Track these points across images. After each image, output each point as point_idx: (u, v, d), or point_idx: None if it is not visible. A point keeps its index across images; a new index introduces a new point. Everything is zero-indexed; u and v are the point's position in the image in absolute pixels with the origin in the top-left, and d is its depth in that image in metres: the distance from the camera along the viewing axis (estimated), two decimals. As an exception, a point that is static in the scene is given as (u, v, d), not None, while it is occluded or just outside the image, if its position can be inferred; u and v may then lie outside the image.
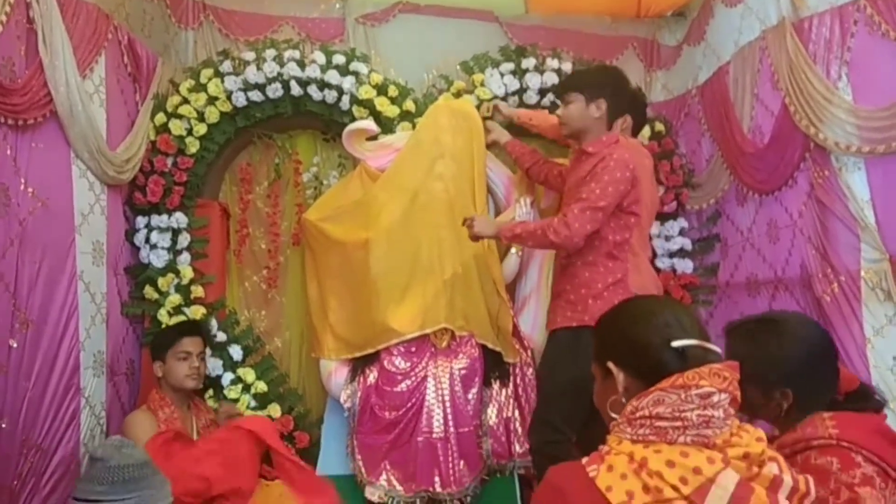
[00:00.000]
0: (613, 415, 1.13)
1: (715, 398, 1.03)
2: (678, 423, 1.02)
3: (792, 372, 1.45)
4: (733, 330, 1.58)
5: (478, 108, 3.23)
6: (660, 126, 3.47)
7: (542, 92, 3.33)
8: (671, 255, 3.38)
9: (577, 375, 2.24)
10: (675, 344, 1.09)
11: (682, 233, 3.42)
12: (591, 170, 2.40)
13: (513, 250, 2.92)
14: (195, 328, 2.82)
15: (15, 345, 2.21)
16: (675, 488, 0.98)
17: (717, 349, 1.12)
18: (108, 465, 1.66)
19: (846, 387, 1.51)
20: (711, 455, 1.01)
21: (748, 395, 1.45)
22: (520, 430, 2.74)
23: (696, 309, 3.40)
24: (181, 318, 2.99)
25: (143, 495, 1.65)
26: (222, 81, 3.15)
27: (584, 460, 1.08)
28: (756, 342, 1.50)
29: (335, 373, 2.73)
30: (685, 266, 3.38)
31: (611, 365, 1.16)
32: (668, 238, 3.39)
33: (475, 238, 2.55)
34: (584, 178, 2.41)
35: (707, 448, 1.02)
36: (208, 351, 2.94)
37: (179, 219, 3.08)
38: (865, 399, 1.50)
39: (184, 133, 3.12)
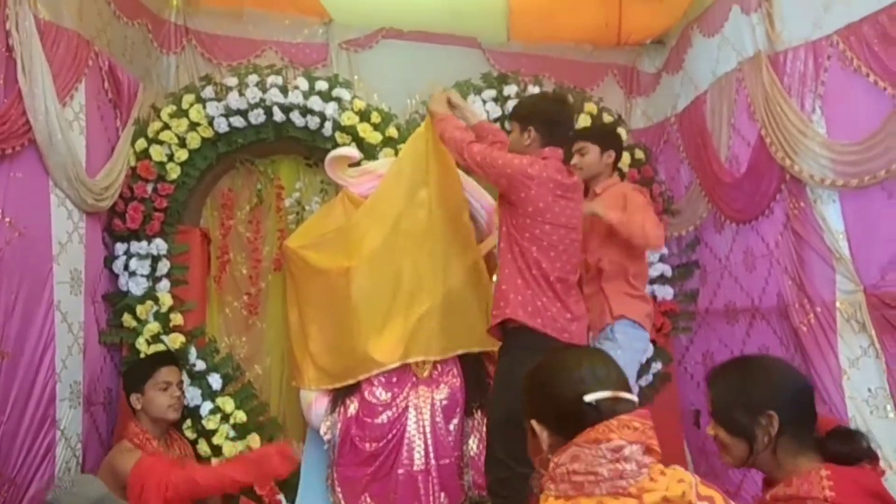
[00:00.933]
0: (542, 471, 1.15)
1: (626, 451, 1.06)
2: (591, 478, 1.06)
3: (777, 391, 1.46)
4: (714, 374, 1.58)
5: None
6: (639, 153, 3.51)
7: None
8: (651, 281, 3.40)
9: (513, 407, 2.24)
10: (588, 398, 1.11)
11: (662, 259, 3.46)
12: None
13: (495, 277, 2.91)
14: (171, 358, 2.79)
15: (-11, 378, 2.18)
16: None
17: (632, 397, 1.15)
18: None
19: (824, 427, 1.50)
20: (627, 503, 1.04)
21: (736, 433, 1.46)
22: (501, 460, 2.74)
23: (675, 336, 3.44)
24: (160, 346, 2.96)
25: None
26: (204, 107, 3.14)
27: None
28: (739, 373, 1.53)
29: (315, 403, 2.71)
30: (665, 292, 3.41)
31: (533, 423, 1.19)
32: (648, 264, 3.41)
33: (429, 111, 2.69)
34: None
35: (623, 496, 1.05)
36: (186, 380, 2.91)
37: (159, 245, 3.05)
38: (850, 441, 1.47)
39: (164, 159, 3.10)
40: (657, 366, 3.32)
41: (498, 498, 2.29)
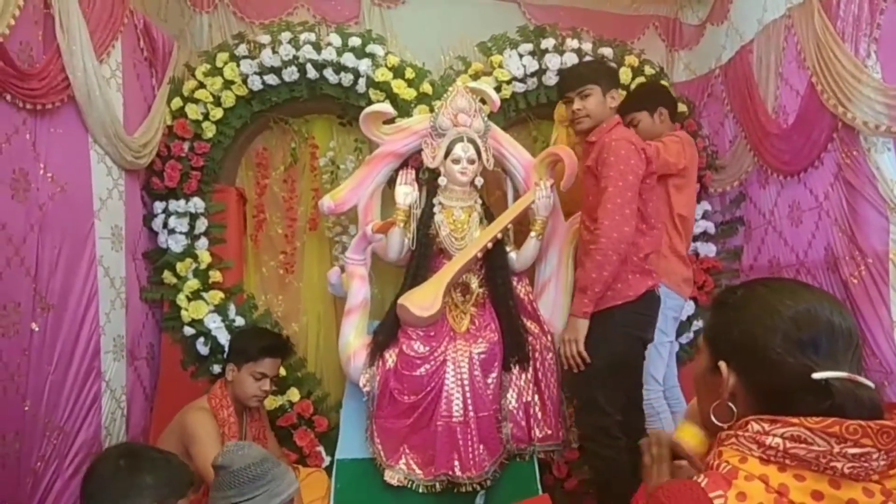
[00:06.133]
0: (717, 422, 0.96)
1: (873, 456, 0.84)
2: (823, 462, 0.85)
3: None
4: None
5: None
6: (683, 107, 3.40)
7: (562, 73, 3.28)
8: (694, 238, 3.31)
9: (612, 354, 2.34)
10: (818, 376, 0.88)
11: (705, 216, 3.37)
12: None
13: (532, 234, 2.87)
14: (283, 350, 2.61)
15: (36, 328, 2.22)
16: None
17: (870, 383, 0.90)
18: (232, 469, 1.79)
19: None
20: (868, 487, 0.84)
21: None
22: (539, 414, 2.71)
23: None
24: (200, 303, 2.99)
25: (270, 487, 1.78)
26: (238, 65, 3.13)
27: (703, 482, 0.87)
28: None
29: (354, 357, 2.71)
30: (708, 249, 3.32)
31: (721, 366, 0.96)
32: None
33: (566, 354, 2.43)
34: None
35: (863, 480, 0.85)
36: (226, 335, 2.93)
37: (197, 204, 3.08)
38: None
39: (200, 117, 3.11)
40: (698, 324, 3.25)
41: (598, 445, 2.39)
